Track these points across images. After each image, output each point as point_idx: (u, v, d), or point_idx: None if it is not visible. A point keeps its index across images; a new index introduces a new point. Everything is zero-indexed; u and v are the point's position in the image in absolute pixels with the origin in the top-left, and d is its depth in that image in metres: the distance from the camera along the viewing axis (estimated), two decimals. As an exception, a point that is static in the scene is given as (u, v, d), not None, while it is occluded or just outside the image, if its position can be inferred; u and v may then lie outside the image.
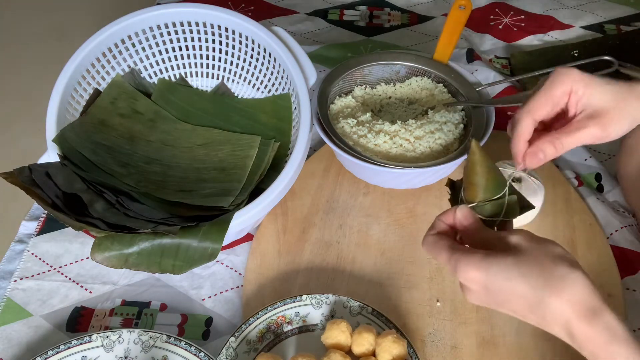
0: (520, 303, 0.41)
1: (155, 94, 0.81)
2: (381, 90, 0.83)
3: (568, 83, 0.48)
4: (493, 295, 0.42)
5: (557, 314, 0.39)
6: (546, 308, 0.39)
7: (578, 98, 0.48)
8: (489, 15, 1.12)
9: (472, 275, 0.42)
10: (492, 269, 0.41)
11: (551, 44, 1.05)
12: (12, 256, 0.73)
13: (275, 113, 0.79)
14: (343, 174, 0.80)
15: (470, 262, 0.42)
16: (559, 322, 0.40)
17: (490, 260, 0.41)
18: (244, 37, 0.79)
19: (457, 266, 0.42)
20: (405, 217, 0.75)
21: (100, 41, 0.75)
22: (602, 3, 1.15)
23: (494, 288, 0.41)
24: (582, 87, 0.48)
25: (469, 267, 0.42)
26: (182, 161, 0.74)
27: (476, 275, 0.41)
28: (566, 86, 0.48)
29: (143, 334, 0.62)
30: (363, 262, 0.71)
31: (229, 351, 0.60)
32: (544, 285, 0.39)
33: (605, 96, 0.48)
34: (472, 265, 0.42)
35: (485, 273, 0.41)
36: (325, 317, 0.64)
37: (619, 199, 0.77)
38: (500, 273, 0.40)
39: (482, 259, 0.41)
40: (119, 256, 0.60)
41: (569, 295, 0.39)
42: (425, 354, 0.62)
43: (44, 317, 0.67)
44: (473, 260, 0.42)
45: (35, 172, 0.63)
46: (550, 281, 0.39)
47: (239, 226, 0.63)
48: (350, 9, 1.15)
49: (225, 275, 0.71)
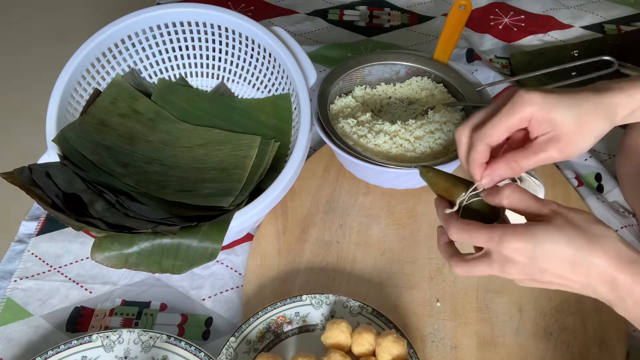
0: (565, 266, 0.42)
1: (155, 94, 0.81)
2: (381, 90, 0.83)
3: (527, 110, 0.47)
4: (538, 262, 0.43)
5: (601, 269, 0.41)
6: (592, 265, 0.42)
7: (539, 124, 0.48)
8: (489, 15, 1.12)
9: (519, 245, 0.43)
10: (539, 236, 0.42)
11: (551, 44, 1.05)
12: (12, 256, 0.73)
13: (275, 113, 0.79)
14: (343, 174, 0.80)
15: (516, 233, 0.43)
16: (603, 276, 0.42)
17: (534, 229, 0.43)
18: (244, 37, 0.79)
19: (502, 239, 0.43)
20: (405, 217, 0.75)
21: (100, 41, 0.75)
22: (602, 3, 1.15)
23: (539, 254, 0.42)
24: (542, 114, 0.47)
25: (516, 237, 0.43)
26: (182, 161, 0.74)
27: (523, 244, 0.42)
28: (526, 113, 0.47)
29: (143, 334, 0.62)
30: (363, 262, 0.71)
31: (229, 351, 0.60)
32: (587, 244, 0.42)
33: (568, 121, 0.47)
34: (518, 236, 0.43)
35: (532, 241, 0.42)
36: (325, 317, 0.64)
37: (619, 199, 0.77)
38: (548, 239, 0.42)
39: (527, 229, 0.43)
40: (119, 256, 0.60)
41: (610, 250, 0.42)
42: (425, 354, 0.62)
43: (44, 317, 0.67)
44: (518, 231, 0.43)
45: (35, 172, 0.63)
46: (592, 240, 0.42)
47: (239, 226, 0.63)
48: (350, 9, 1.15)
49: (225, 275, 0.71)
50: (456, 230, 0.47)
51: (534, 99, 0.47)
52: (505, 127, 0.48)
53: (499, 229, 0.44)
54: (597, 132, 0.48)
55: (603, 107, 0.48)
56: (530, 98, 0.47)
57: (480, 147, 0.49)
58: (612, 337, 0.63)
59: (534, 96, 0.47)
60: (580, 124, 0.47)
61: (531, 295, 0.67)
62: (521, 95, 0.47)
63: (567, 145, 0.47)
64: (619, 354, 0.62)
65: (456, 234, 0.47)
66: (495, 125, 0.48)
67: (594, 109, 0.47)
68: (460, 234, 0.46)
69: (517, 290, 0.67)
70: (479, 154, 0.49)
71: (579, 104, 0.47)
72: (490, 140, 0.48)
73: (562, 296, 0.66)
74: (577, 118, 0.47)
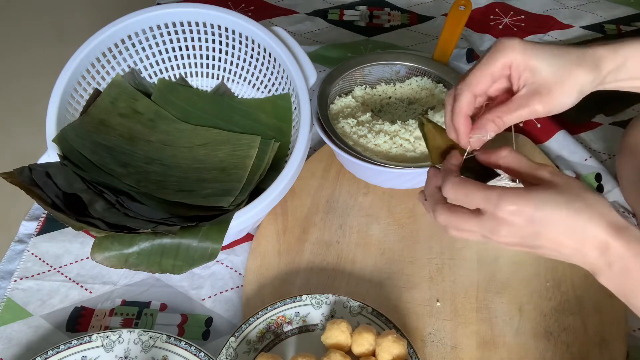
0: (561, 230, 0.42)
1: (155, 94, 0.81)
2: (381, 90, 0.83)
3: (508, 55, 0.46)
4: (535, 225, 0.42)
5: (597, 233, 0.41)
6: (587, 229, 0.41)
7: (520, 72, 0.47)
8: (489, 15, 1.12)
9: (519, 208, 0.42)
10: (540, 199, 0.42)
11: (551, 44, 1.05)
12: (12, 256, 0.73)
13: (275, 113, 0.79)
14: (343, 174, 0.80)
15: (517, 194, 0.42)
16: (597, 241, 0.41)
17: (535, 192, 0.42)
18: (244, 37, 0.79)
19: (501, 199, 0.42)
20: (405, 217, 0.75)
21: (100, 41, 0.75)
22: (602, 3, 1.15)
23: (538, 217, 0.42)
24: (523, 60, 0.46)
25: (516, 198, 0.42)
26: (182, 161, 0.74)
27: (522, 206, 0.42)
28: (506, 59, 0.46)
29: (143, 334, 0.62)
30: (363, 262, 0.71)
31: (229, 351, 0.60)
32: (586, 208, 0.41)
33: (549, 69, 0.46)
34: (518, 197, 0.42)
35: (533, 203, 0.42)
36: (325, 317, 0.64)
37: (619, 199, 0.77)
38: (548, 202, 0.42)
39: (528, 192, 0.42)
40: (119, 256, 0.60)
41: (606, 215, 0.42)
42: (425, 354, 0.62)
43: (44, 317, 0.67)
44: (519, 193, 0.42)
45: (35, 172, 0.63)
46: (590, 205, 0.42)
47: (239, 226, 0.63)
48: (350, 9, 1.15)
49: (225, 275, 0.71)
50: (451, 184, 0.45)
51: (514, 44, 0.46)
52: (488, 73, 0.47)
53: (497, 189, 0.43)
54: (581, 83, 0.46)
55: (586, 59, 0.46)
56: (510, 44, 0.46)
57: (464, 96, 0.48)
58: (612, 337, 0.63)
59: (514, 42, 0.46)
60: (562, 73, 0.46)
61: (531, 295, 0.67)
62: (502, 42, 0.47)
63: (550, 98, 0.46)
64: (619, 354, 0.62)
65: (451, 189, 0.45)
66: (478, 73, 0.47)
67: (576, 59, 0.46)
68: (456, 189, 0.45)
69: (517, 290, 0.67)
70: (463, 104, 0.48)
71: (560, 55, 0.46)
72: (474, 89, 0.48)
73: (562, 296, 0.66)
74: (559, 68, 0.46)
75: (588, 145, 0.86)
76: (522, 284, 0.68)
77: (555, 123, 0.86)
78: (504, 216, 0.42)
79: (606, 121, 0.89)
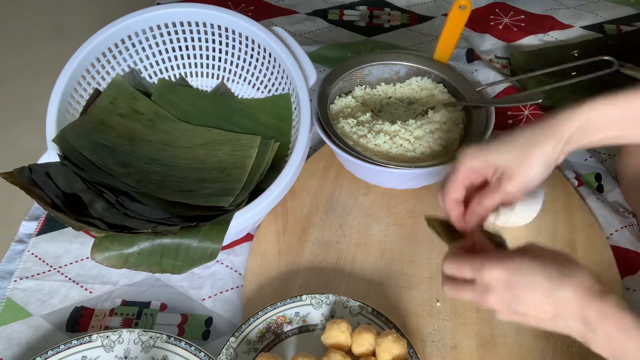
0: (539, 295, 0.44)
1: (155, 94, 0.81)
2: (381, 90, 0.83)
3: (467, 164, 0.52)
4: (514, 290, 0.44)
5: (571, 299, 0.43)
6: (561, 295, 0.43)
7: (485, 168, 0.52)
8: (489, 15, 1.12)
9: (497, 272, 0.45)
10: (516, 263, 0.45)
11: (551, 44, 1.05)
12: (12, 256, 0.73)
13: (275, 113, 0.79)
14: (343, 174, 0.80)
15: (498, 259, 0.46)
16: (574, 307, 0.43)
17: (513, 257, 0.45)
18: (244, 37, 0.79)
19: (483, 265, 0.46)
20: (405, 217, 0.75)
21: (100, 41, 0.75)
22: (602, 3, 1.15)
23: (516, 282, 0.44)
24: (482, 161, 0.51)
25: (494, 263, 0.45)
26: (182, 161, 0.74)
27: (501, 271, 0.45)
28: (466, 167, 0.52)
29: (143, 334, 0.62)
30: (363, 262, 0.71)
31: (229, 351, 0.60)
32: (559, 275, 0.44)
33: (506, 157, 0.50)
34: (497, 262, 0.45)
35: (509, 268, 0.45)
36: (325, 317, 0.64)
37: (619, 199, 0.77)
38: (523, 266, 0.44)
39: (506, 257, 0.46)
40: (119, 256, 0.60)
41: (581, 281, 0.43)
42: (425, 354, 0.62)
43: (44, 317, 0.67)
44: (498, 258, 0.46)
45: (35, 172, 0.63)
46: (564, 272, 0.44)
47: (239, 226, 0.63)
48: (350, 9, 1.15)
49: (225, 275, 0.71)
50: (446, 262, 0.50)
51: (469, 152, 0.52)
52: (457, 183, 0.53)
53: (480, 257, 0.47)
54: (541, 159, 0.50)
55: (540, 135, 0.50)
56: (465, 153, 0.52)
57: (448, 205, 0.54)
58: (612, 337, 0.63)
59: (468, 150, 0.52)
60: (517, 155, 0.50)
61: (531, 295, 0.67)
62: (461, 153, 0.52)
63: (517, 178, 0.50)
64: (619, 354, 0.62)
65: (446, 265, 0.50)
66: (450, 184, 0.53)
67: (530, 139, 0.50)
68: (450, 265, 0.49)
69: (517, 290, 0.67)
70: (451, 211, 0.54)
71: (512, 141, 0.51)
72: (451, 196, 0.53)
73: (562, 296, 0.66)
74: (513, 151, 0.50)
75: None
76: (522, 284, 0.67)
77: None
78: (488, 282, 0.46)
79: (606, 121, 0.89)
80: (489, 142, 0.52)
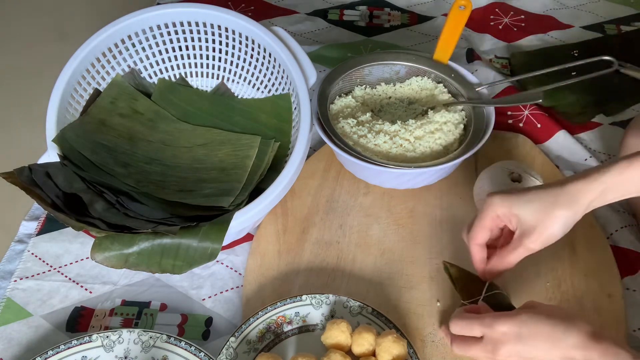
0: (547, 343, 0.49)
1: (155, 94, 0.81)
2: (381, 90, 0.83)
3: (493, 210, 0.55)
4: (525, 341, 0.50)
5: (577, 344, 0.48)
6: (568, 341, 0.48)
7: (509, 218, 0.55)
8: (489, 15, 1.12)
9: (507, 327, 0.50)
10: (522, 317, 0.50)
11: (551, 44, 1.05)
12: (12, 256, 0.73)
13: (275, 113, 0.79)
14: (343, 174, 0.80)
15: (504, 316, 0.51)
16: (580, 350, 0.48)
17: (519, 314, 0.51)
18: (244, 37, 0.79)
19: (494, 322, 0.51)
20: (405, 217, 0.75)
21: (100, 41, 0.75)
22: (602, 3, 1.15)
23: (524, 334, 0.50)
24: (507, 211, 0.54)
25: (503, 320, 0.51)
26: (182, 161, 0.74)
27: (511, 326, 0.50)
28: (493, 213, 0.55)
29: (143, 334, 0.62)
30: (363, 262, 0.71)
31: (229, 351, 0.60)
32: (563, 323, 0.49)
33: (530, 215, 0.53)
34: (505, 318, 0.51)
35: (518, 322, 0.50)
36: (325, 317, 0.64)
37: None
38: (531, 319, 0.50)
39: (514, 314, 0.51)
40: (119, 256, 0.60)
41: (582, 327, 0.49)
42: (425, 354, 0.62)
43: (44, 317, 0.67)
44: (506, 315, 0.52)
45: (35, 172, 0.63)
46: (567, 320, 0.49)
47: (239, 226, 0.63)
48: (350, 9, 1.15)
49: (225, 275, 0.71)
50: (454, 320, 0.55)
51: (495, 201, 0.55)
52: (483, 226, 0.57)
53: (490, 316, 0.52)
54: (561, 221, 0.53)
55: (563, 198, 0.53)
56: (492, 201, 0.55)
57: (472, 248, 0.59)
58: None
59: (494, 199, 0.55)
60: (540, 216, 0.53)
61: (531, 295, 0.67)
62: (489, 199, 0.56)
63: (538, 237, 0.53)
64: (619, 354, 0.62)
65: (454, 323, 0.54)
66: (475, 228, 0.57)
67: (553, 201, 0.53)
68: (460, 324, 0.54)
69: (518, 290, 0.67)
70: (475, 254, 0.59)
71: (537, 199, 0.54)
72: (476, 241, 0.58)
73: (562, 296, 0.66)
74: (537, 211, 0.53)
75: (588, 145, 0.86)
76: (522, 284, 0.67)
77: (555, 123, 0.86)
78: (499, 337, 0.51)
79: (606, 121, 0.89)
80: (515, 193, 0.55)
